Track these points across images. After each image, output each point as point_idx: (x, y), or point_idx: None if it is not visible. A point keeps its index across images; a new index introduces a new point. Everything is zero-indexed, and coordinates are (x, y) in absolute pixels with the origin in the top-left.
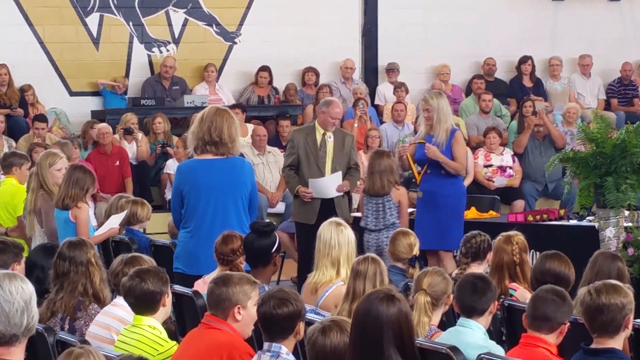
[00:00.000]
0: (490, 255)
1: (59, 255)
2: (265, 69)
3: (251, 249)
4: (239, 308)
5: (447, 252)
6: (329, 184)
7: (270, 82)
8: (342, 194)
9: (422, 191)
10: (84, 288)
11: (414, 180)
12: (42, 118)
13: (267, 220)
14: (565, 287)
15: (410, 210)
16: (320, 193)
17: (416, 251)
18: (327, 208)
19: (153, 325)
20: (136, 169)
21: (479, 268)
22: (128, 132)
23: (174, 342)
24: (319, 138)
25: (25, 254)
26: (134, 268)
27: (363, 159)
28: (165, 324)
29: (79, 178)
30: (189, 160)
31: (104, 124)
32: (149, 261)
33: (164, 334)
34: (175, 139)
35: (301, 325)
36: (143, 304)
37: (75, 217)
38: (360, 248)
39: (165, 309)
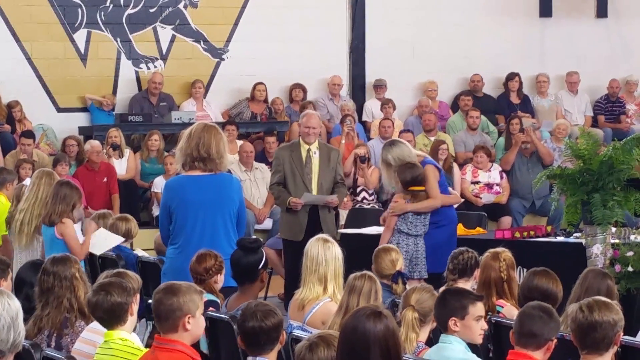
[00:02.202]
0: (477, 272)
1: (43, 271)
2: (261, 83)
3: (238, 265)
4: (189, 317)
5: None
6: (321, 200)
7: (266, 100)
8: (327, 206)
9: None
10: (70, 303)
11: None
12: (29, 134)
13: (254, 237)
14: (553, 304)
15: None
16: (310, 201)
17: (399, 267)
18: (314, 224)
19: (124, 338)
20: (124, 186)
21: (466, 285)
22: (114, 147)
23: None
24: (304, 154)
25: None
26: (96, 283)
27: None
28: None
29: (66, 194)
30: (177, 176)
31: (96, 142)
32: (134, 277)
33: (137, 343)
34: (164, 154)
35: (284, 333)
36: (112, 316)
37: (61, 233)
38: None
39: (133, 318)
